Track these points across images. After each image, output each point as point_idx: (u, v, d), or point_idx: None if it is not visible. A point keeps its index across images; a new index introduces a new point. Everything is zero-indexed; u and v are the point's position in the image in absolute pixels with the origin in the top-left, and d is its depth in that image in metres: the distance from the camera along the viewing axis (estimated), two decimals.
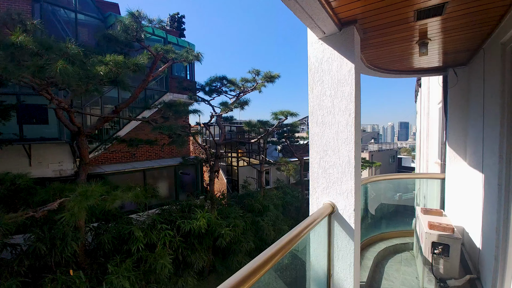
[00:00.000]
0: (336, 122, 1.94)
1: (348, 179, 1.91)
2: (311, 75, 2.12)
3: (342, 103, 1.92)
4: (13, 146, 7.53)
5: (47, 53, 3.14)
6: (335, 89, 1.96)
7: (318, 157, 2.05)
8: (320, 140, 2.04)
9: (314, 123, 2.09)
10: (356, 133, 1.90)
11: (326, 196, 2.03)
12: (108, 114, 5.49)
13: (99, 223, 6.60)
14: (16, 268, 4.28)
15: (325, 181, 2.02)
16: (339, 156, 1.93)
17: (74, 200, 3.15)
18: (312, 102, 2.09)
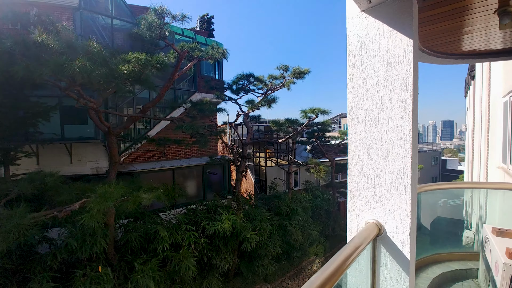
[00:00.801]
0: (386, 118, 1.49)
1: (401, 193, 1.44)
2: (350, 59, 1.68)
3: (394, 93, 1.46)
4: (57, 145, 8.14)
5: (69, 52, 3.18)
6: (384, 74, 1.50)
7: (359, 163, 1.62)
8: (363, 141, 1.60)
9: (355, 119, 1.65)
10: (413, 133, 1.44)
11: (369, 213, 1.58)
12: (135, 114, 5.56)
13: (128, 221, 6.78)
14: (49, 263, 4.46)
15: (369, 194, 1.58)
16: (389, 162, 1.48)
17: (94, 201, 3.13)
18: (352, 93, 1.66)
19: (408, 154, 1.41)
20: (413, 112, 1.41)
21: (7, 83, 4.51)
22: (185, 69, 5.72)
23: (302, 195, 11.23)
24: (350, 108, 1.68)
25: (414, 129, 1.44)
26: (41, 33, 3.07)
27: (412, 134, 1.42)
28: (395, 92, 1.46)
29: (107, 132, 5.36)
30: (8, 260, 4.20)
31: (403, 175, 1.43)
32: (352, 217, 1.68)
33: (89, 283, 4.62)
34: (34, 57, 3.03)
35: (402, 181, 1.44)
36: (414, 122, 1.43)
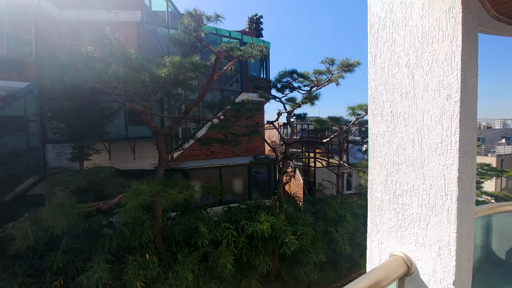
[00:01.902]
0: (420, 112, 1.06)
1: (441, 220, 1.00)
2: (372, 35, 1.27)
3: (431, 76, 1.02)
4: (123, 143, 9.39)
5: (111, 60, 3.54)
6: (418, 51, 1.07)
7: (383, 173, 1.21)
8: (388, 144, 1.19)
9: (378, 115, 1.24)
10: (463, 133, 0.97)
11: (396, 242, 1.17)
12: (179, 115, 5.91)
13: (175, 214, 7.30)
14: (107, 246, 5.09)
15: (395, 217, 1.16)
16: (424, 175, 1.04)
17: (128, 197, 3.41)
18: (374, 81, 1.25)
19: (453, 165, 0.96)
20: (463, 103, 0.96)
21: (79, 91, 5.37)
22: (224, 69, 5.79)
23: (353, 200, 10.22)
24: (372, 100, 1.28)
25: (464, 127, 0.98)
26: (87, 44, 3.55)
27: (461, 135, 0.96)
28: (433, 75, 1.02)
29: (155, 132, 5.82)
30: (75, 241, 4.99)
31: (445, 195, 0.99)
32: (373, 244, 1.29)
33: (137, 268, 5.10)
34: (82, 66, 3.50)
35: (443, 203, 1.00)
36: (464, 118, 0.97)
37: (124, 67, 3.51)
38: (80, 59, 3.53)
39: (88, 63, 3.53)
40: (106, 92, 4.13)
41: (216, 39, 10.68)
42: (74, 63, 3.45)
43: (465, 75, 0.96)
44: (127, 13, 10.21)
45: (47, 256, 4.63)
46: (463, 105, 0.95)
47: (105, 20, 10.24)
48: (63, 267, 4.77)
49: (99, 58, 3.65)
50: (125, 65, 3.59)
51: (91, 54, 3.58)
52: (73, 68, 3.37)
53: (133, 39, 10.59)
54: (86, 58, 3.57)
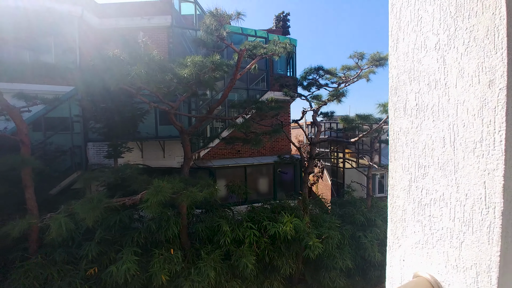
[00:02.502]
0: (452, 104, 0.87)
1: (481, 239, 0.80)
2: (394, 16, 1.09)
3: (467, 59, 0.82)
4: (154, 142, 9.90)
5: (136, 62, 3.71)
6: (450, 28, 0.88)
7: (406, 178, 1.03)
8: (412, 144, 1.00)
9: (400, 109, 1.06)
10: (510, 129, 0.76)
11: (421, 259, 0.98)
12: (202, 115, 6.02)
13: (201, 211, 7.48)
14: (136, 239, 5.38)
15: (421, 230, 0.98)
16: (458, 181, 0.85)
17: (149, 194, 3.53)
18: (396, 69, 1.07)
19: (496, 170, 0.76)
20: (510, 90, 0.76)
21: (112, 93, 5.76)
22: (247, 67, 5.75)
23: (385, 203, 9.51)
24: (393, 92, 1.09)
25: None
26: (114, 49, 3.78)
27: (507, 132, 0.76)
28: (470, 57, 0.83)
29: (181, 131, 6.00)
30: (108, 233, 5.35)
31: (485, 208, 0.79)
32: (394, 260, 1.11)
33: (163, 262, 5.30)
34: (109, 70, 3.72)
35: (483, 218, 0.80)
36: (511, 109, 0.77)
37: (147, 68, 3.66)
38: (108, 63, 3.77)
39: (114, 66, 3.76)
40: (132, 93, 4.36)
41: (242, 39, 10.72)
42: (106, 67, 3.70)
43: (510, 59, 0.75)
44: (158, 19, 10.73)
45: (83, 245, 5.03)
46: (510, 93, 0.74)
47: (140, 27, 10.88)
48: (97, 256, 5.14)
49: (124, 61, 3.87)
50: (148, 67, 3.75)
51: (117, 58, 3.81)
52: (102, 72, 3.62)
53: (164, 43, 11.12)
54: (113, 62, 3.81)
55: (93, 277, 4.97)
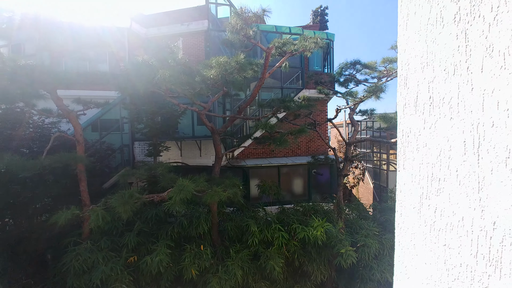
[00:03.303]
0: (477, 96, 0.63)
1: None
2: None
3: (498, 32, 0.58)
4: (191, 141, 10.41)
5: (163, 66, 3.89)
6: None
7: (417, 192, 0.80)
8: (424, 149, 0.78)
9: (410, 104, 0.83)
10: None
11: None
12: (232, 115, 6.07)
13: (232, 209, 7.59)
14: (170, 233, 5.70)
15: (434, 262, 0.75)
16: (483, 202, 0.61)
17: (173, 191, 3.66)
18: (406, 53, 0.85)
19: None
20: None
21: (150, 96, 6.21)
22: (276, 66, 5.60)
23: None
24: (402, 82, 0.88)
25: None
26: (143, 54, 4.03)
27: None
28: (501, 27, 0.60)
29: (212, 131, 6.16)
30: (146, 225, 5.79)
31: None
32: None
33: (193, 257, 5.51)
34: (139, 74, 3.99)
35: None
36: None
37: (172, 71, 3.83)
38: (138, 68, 4.05)
39: (143, 71, 4.02)
40: (162, 95, 4.63)
41: (276, 37, 10.56)
42: (137, 72, 4.00)
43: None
44: (196, 24, 11.24)
45: (124, 235, 5.53)
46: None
47: (180, 33, 11.55)
48: (136, 246, 5.59)
49: (152, 66, 4.11)
50: (173, 69, 3.92)
51: (146, 63, 4.07)
52: (135, 77, 3.92)
53: (201, 46, 11.62)
54: (142, 67, 4.08)
55: (132, 265, 5.42)
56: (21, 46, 10.38)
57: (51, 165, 4.32)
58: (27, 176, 4.85)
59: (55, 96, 5.39)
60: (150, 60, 4.10)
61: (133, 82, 3.89)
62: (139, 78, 3.82)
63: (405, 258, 0.86)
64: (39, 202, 5.88)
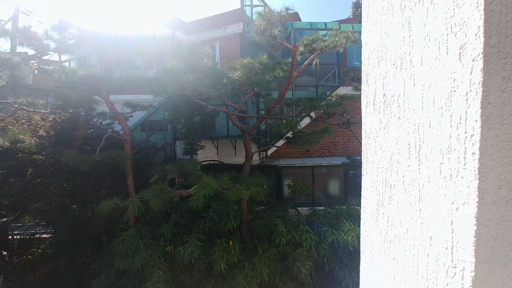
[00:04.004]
0: (418, 91, 0.55)
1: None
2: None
3: (434, 17, 0.51)
4: (226, 140, 10.82)
5: (190, 70, 4.13)
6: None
7: (374, 199, 0.73)
8: (380, 152, 0.70)
9: (370, 103, 0.76)
10: (495, 130, 0.40)
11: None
12: (262, 115, 6.12)
13: (263, 208, 7.67)
14: (201, 226, 6.04)
15: (387, 275, 0.68)
16: (422, 213, 0.54)
17: (197, 188, 3.86)
18: (367, 47, 0.78)
19: (468, 205, 0.45)
20: (488, 60, 0.43)
21: (188, 98, 6.68)
22: (304, 64, 5.46)
23: None
24: (365, 78, 0.82)
25: (492, 118, 0.43)
26: (172, 60, 4.35)
27: (483, 136, 0.43)
28: (437, 12, 0.53)
29: (242, 131, 6.32)
30: (181, 218, 6.25)
31: (452, 267, 0.49)
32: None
33: (222, 251, 5.75)
34: (169, 78, 4.32)
35: (448, 282, 0.50)
36: (494, 94, 0.43)
37: (199, 74, 4.06)
38: (170, 73, 4.40)
39: (172, 75, 4.35)
40: (190, 98, 4.94)
41: (311, 34, 10.25)
42: (170, 77, 4.38)
43: (491, 3, 0.42)
44: (232, 27, 11.60)
45: (162, 226, 6.06)
46: (488, 64, 0.41)
47: (217, 37, 12.09)
48: (172, 236, 6.08)
49: (180, 70, 4.41)
50: (199, 73, 4.14)
51: (175, 68, 4.40)
52: (166, 81, 4.28)
53: (237, 48, 11.96)
54: (172, 71, 4.41)
55: (169, 254, 5.91)
56: (87, 58, 12.17)
57: (102, 161, 5.02)
58: (86, 170, 5.71)
59: (107, 101, 6.20)
60: (178, 65, 4.44)
61: (164, 86, 4.26)
62: (169, 82, 4.16)
63: (367, 269, 0.79)
64: (96, 192, 6.85)
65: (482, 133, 0.40)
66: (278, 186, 10.31)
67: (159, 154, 10.41)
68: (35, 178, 5.72)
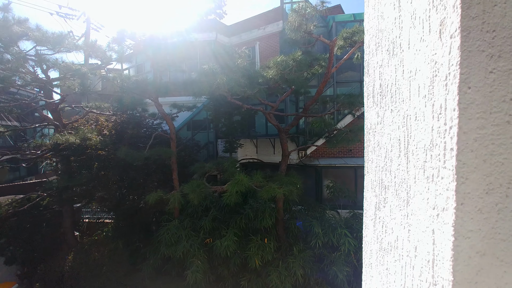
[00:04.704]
0: (406, 79, 0.47)
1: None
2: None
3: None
4: (265, 139, 10.91)
5: (226, 71, 4.24)
6: None
7: (373, 200, 0.66)
8: (377, 149, 0.63)
9: (370, 95, 0.68)
10: (477, 121, 0.31)
11: None
12: (299, 113, 5.98)
13: (300, 208, 7.52)
14: (238, 222, 6.23)
15: (380, 285, 0.61)
16: (409, 218, 0.47)
17: (229, 185, 3.95)
18: (368, 34, 0.70)
19: (447, 211, 0.39)
20: (466, 38, 0.36)
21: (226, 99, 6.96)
22: (344, 58, 5.13)
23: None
24: (366, 67, 0.76)
25: (473, 106, 0.36)
26: (214, 62, 4.52)
27: (460, 128, 0.36)
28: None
29: (278, 129, 6.30)
30: (219, 213, 6.54)
31: (433, 285, 0.42)
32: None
33: (257, 248, 5.85)
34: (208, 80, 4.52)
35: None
36: (475, 78, 0.35)
37: (232, 75, 4.16)
38: (206, 75, 4.63)
39: (208, 77, 4.56)
40: (226, 97, 5.10)
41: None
42: (206, 79, 4.63)
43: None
44: (271, 26, 11.62)
45: (202, 219, 6.45)
46: (467, 40, 0.34)
47: (257, 37, 12.26)
48: (212, 230, 6.42)
49: (216, 71, 4.59)
50: (233, 73, 4.24)
51: (211, 69, 4.59)
52: (203, 83, 4.54)
53: (276, 47, 11.93)
54: (208, 73, 4.62)
55: (208, 246, 6.25)
56: (142, 65, 13.64)
57: (151, 157, 5.60)
58: (138, 165, 6.44)
59: (156, 103, 6.85)
60: (213, 67, 4.64)
61: (201, 87, 4.52)
62: (205, 84, 4.40)
63: (367, 278, 0.72)
64: (147, 185, 7.65)
65: (460, 124, 0.33)
66: (318, 187, 9.96)
67: (202, 151, 11.07)
68: (100, 170, 6.70)
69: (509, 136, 0.31)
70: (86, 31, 12.92)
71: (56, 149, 6.65)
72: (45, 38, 4.92)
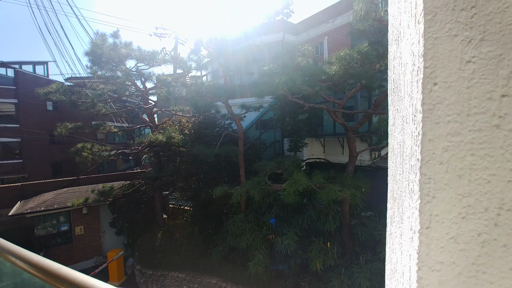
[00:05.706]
0: (402, 71, 0.38)
1: None
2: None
3: None
4: (333, 138, 10.31)
5: (287, 70, 4.15)
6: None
7: (388, 216, 0.57)
8: (391, 155, 0.54)
9: (392, 87, 0.58)
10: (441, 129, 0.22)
11: None
12: (369, 110, 5.37)
13: (371, 214, 6.81)
14: (300, 222, 6.17)
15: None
16: (404, 221, 0.39)
17: (287, 184, 3.87)
18: (391, 27, 0.60)
19: (415, 225, 0.34)
20: (431, 22, 0.32)
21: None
22: None
23: None
24: (389, 62, 0.69)
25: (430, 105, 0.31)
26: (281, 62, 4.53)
27: (425, 133, 0.31)
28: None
29: (345, 128, 5.89)
30: (281, 211, 6.62)
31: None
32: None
33: (318, 251, 5.66)
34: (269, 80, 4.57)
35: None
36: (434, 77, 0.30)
37: (292, 74, 4.07)
38: (267, 75, 4.70)
39: (267, 78, 4.61)
40: (286, 96, 5.03)
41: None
42: (266, 79, 4.72)
43: None
44: (341, 18, 10.88)
45: (265, 215, 6.68)
46: (433, 23, 0.29)
47: (325, 32, 11.71)
48: (274, 227, 6.58)
49: (276, 71, 4.59)
50: (293, 72, 4.14)
51: (271, 70, 4.62)
52: (264, 83, 4.64)
53: (346, 40, 11.06)
54: (267, 73, 4.68)
55: (269, 242, 6.44)
56: (217, 71, 15.11)
57: (220, 154, 6.17)
58: (211, 161, 7.21)
59: (226, 105, 7.48)
60: (273, 67, 4.68)
61: (261, 88, 4.65)
62: (266, 85, 4.50)
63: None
64: (219, 179, 8.48)
65: (424, 129, 0.26)
66: None
67: (269, 150, 11.40)
68: (181, 165, 7.86)
69: (499, 145, 0.23)
70: (174, 46, 15.25)
71: (150, 146, 8.20)
72: (143, 56, 6.16)
